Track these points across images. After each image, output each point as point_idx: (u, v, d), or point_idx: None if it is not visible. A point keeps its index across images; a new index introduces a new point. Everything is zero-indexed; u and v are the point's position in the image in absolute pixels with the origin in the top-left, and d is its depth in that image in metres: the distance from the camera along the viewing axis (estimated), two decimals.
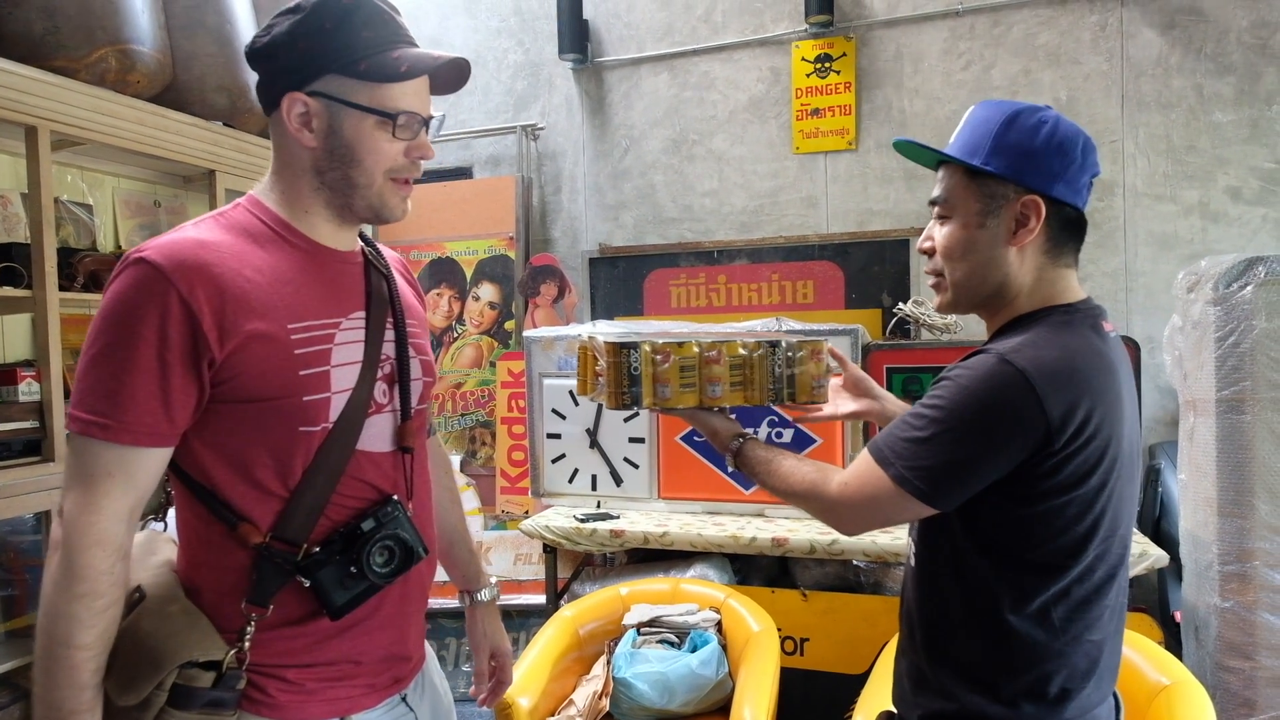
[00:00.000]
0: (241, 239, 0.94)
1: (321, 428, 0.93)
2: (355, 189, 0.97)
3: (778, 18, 3.34)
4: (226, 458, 0.92)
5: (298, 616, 0.94)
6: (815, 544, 2.26)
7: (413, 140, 0.97)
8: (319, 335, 0.94)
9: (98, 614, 0.86)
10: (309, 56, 0.92)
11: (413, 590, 1.04)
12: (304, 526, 0.93)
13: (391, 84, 0.93)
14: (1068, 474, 0.96)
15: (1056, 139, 1.02)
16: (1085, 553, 1.00)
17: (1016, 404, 0.94)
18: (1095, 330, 1.03)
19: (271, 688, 0.93)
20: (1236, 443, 1.92)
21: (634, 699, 1.91)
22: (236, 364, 0.89)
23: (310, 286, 0.96)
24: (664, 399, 1.15)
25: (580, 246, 3.55)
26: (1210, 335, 1.98)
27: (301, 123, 0.95)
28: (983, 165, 1.02)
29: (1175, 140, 2.93)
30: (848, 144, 3.25)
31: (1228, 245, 2.83)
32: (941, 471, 0.97)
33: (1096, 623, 1.03)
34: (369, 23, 0.93)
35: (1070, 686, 1.02)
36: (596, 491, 2.76)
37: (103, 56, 2.12)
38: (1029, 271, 1.04)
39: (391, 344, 1.03)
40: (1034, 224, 1.01)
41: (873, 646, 1.99)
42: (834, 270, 3.10)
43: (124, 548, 0.89)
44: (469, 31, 3.77)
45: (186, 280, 0.87)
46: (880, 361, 2.60)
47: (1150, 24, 2.94)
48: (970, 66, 3.13)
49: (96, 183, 2.50)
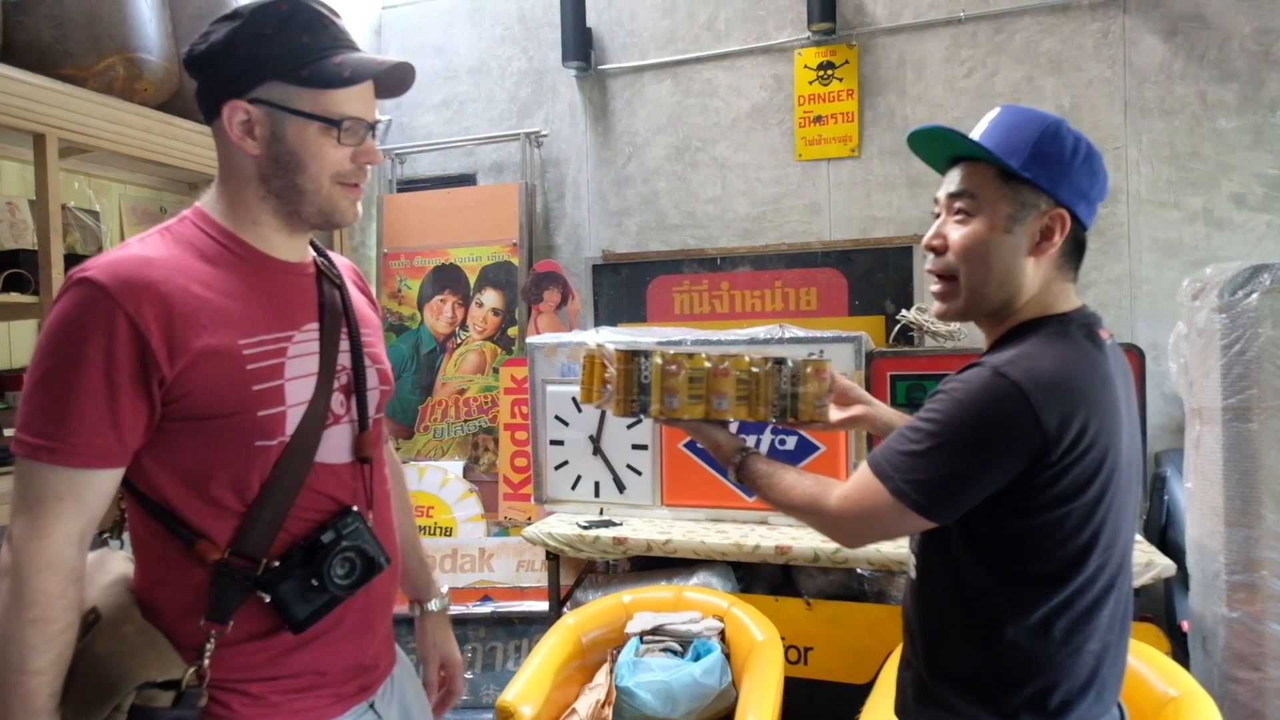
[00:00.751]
0: (188, 253, 0.92)
1: (278, 442, 0.92)
2: (303, 195, 0.95)
3: (780, 25, 3.34)
4: (181, 475, 0.91)
5: (260, 631, 0.93)
6: (819, 552, 2.25)
7: (358, 145, 0.96)
8: (272, 349, 0.93)
9: (51, 639, 0.85)
10: (248, 63, 0.91)
11: (376, 600, 1.03)
12: (263, 541, 0.92)
13: (334, 89, 0.92)
14: (1066, 485, 0.96)
15: (1089, 158, 1.03)
16: (1086, 564, 0.99)
17: (1012, 417, 0.93)
18: (1090, 339, 1.02)
19: (235, 703, 0.92)
20: (1243, 451, 1.91)
21: (637, 708, 1.90)
22: (188, 382, 0.88)
23: (260, 300, 0.95)
24: (671, 409, 1.17)
25: (583, 253, 3.56)
26: (1216, 343, 1.98)
27: (244, 131, 0.93)
28: (1021, 170, 1.00)
29: (1179, 147, 2.92)
30: (850, 151, 3.25)
31: (1232, 252, 2.83)
32: (939, 485, 0.97)
33: (1096, 633, 1.02)
34: (308, 27, 0.92)
35: (1070, 699, 1.02)
36: (599, 498, 2.75)
37: (110, 65, 2.14)
38: (1038, 284, 1.04)
39: (347, 354, 1.01)
40: (1057, 238, 1.02)
41: (877, 656, 1.98)
42: (837, 277, 3.10)
43: (76, 571, 0.87)
44: (473, 39, 3.78)
45: (133, 299, 0.85)
46: (884, 369, 2.59)
47: (1153, 31, 2.94)
48: (973, 74, 3.14)
49: (103, 189, 2.52)
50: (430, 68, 3.85)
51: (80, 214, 2.39)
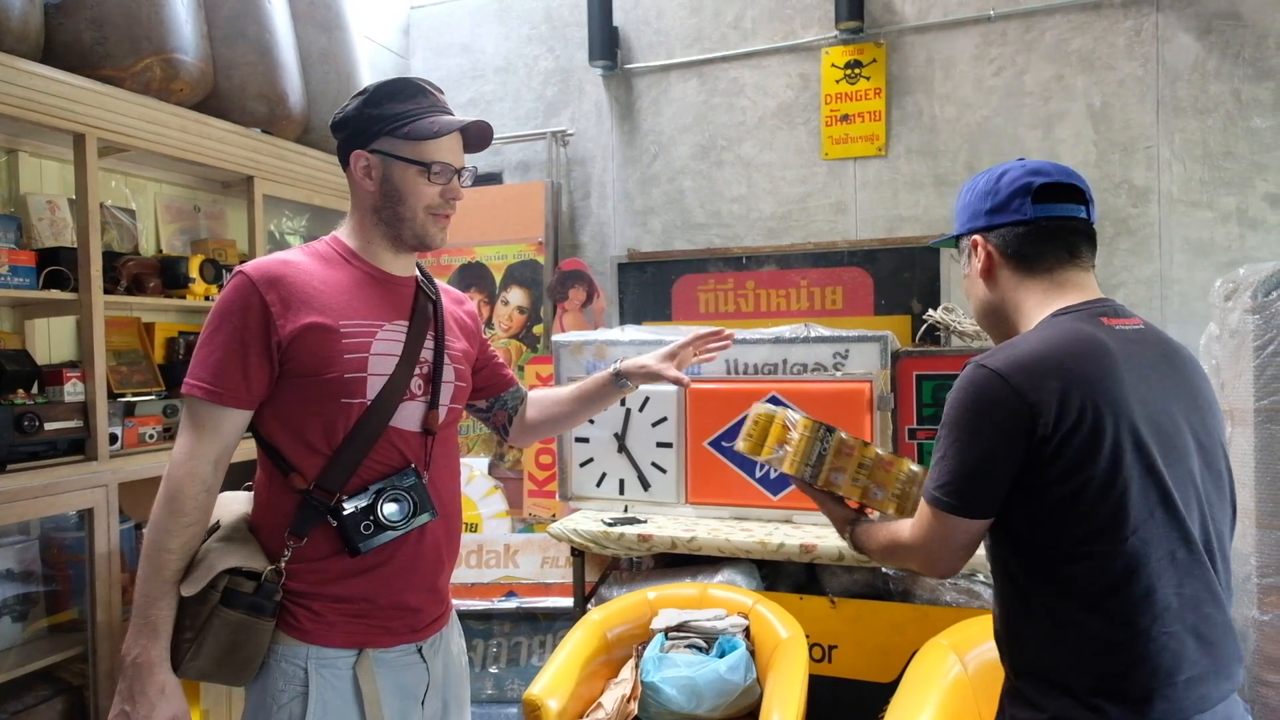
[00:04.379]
0: (317, 261, 1.25)
1: (359, 402, 1.18)
2: (403, 222, 1.26)
3: (808, 24, 3.34)
4: (287, 421, 1.18)
5: (326, 553, 1.17)
6: (844, 551, 2.25)
7: (445, 184, 1.26)
8: (363, 330, 1.21)
9: (184, 528, 1.13)
10: (369, 123, 1.23)
11: (426, 550, 1.25)
12: (340, 479, 1.17)
13: (426, 141, 1.23)
14: (1070, 458, 0.99)
15: (979, 188, 1.20)
16: (1117, 537, 0.99)
17: (996, 399, 1.02)
18: (1091, 323, 1.07)
19: (301, 615, 1.17)
20: (1275, 453, 1.89)
21: (662, 703, 1.92)
22: (297, 345, 1.16)
23: (363, 297, 1.25)
24: (834, 484, 1.32)
25: (609, 252, 3.57)
26: (1249, 344, 1.95)
27: (364, 173, 1.25)
28: (944, 239, 1.33)
29: (1212, 146, 2.88)
30: (877, 150, 3.24)
31: (1266, 253, 2.79)
32: (960, 482, 1.05)
33: (1163, 616, 1.00)
34: (411, 98, 1.25)
35: (1153, 686, 0.99)
36: (624, 496, 2.77)
37: (148, 66, 2.18)
38: (1010, 290, 1.17)
39: (430, 350, 1.29)
40: (982, 253, 1.18)
41: (902, 655, 1.97)
42: (863, 276, 3.09)
43: (208, 483, 1.15)
44: (500, 39, 3.81)
45: (267, 286, 1.17)
46: (910, 368, 2.58)
47: (1186, 29, 2.90)
48: (1002, 72, 3.11)
49: (139, 188, 2.57)
50: (457, 67, 3.88)
51: (118, 212, 2.44)
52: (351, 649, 1.18)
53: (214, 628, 1.11)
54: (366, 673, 1.16)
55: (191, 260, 2.41)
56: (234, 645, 1.11)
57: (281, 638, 1.16)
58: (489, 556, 3.14)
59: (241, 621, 1.11)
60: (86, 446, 2.09)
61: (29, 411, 1.95)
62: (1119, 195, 2.99)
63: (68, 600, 2.21)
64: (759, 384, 2.63)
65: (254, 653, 1.13)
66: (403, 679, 1.22)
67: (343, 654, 1.17)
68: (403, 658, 1.23)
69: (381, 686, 1.17)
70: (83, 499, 2.06)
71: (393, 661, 1.21)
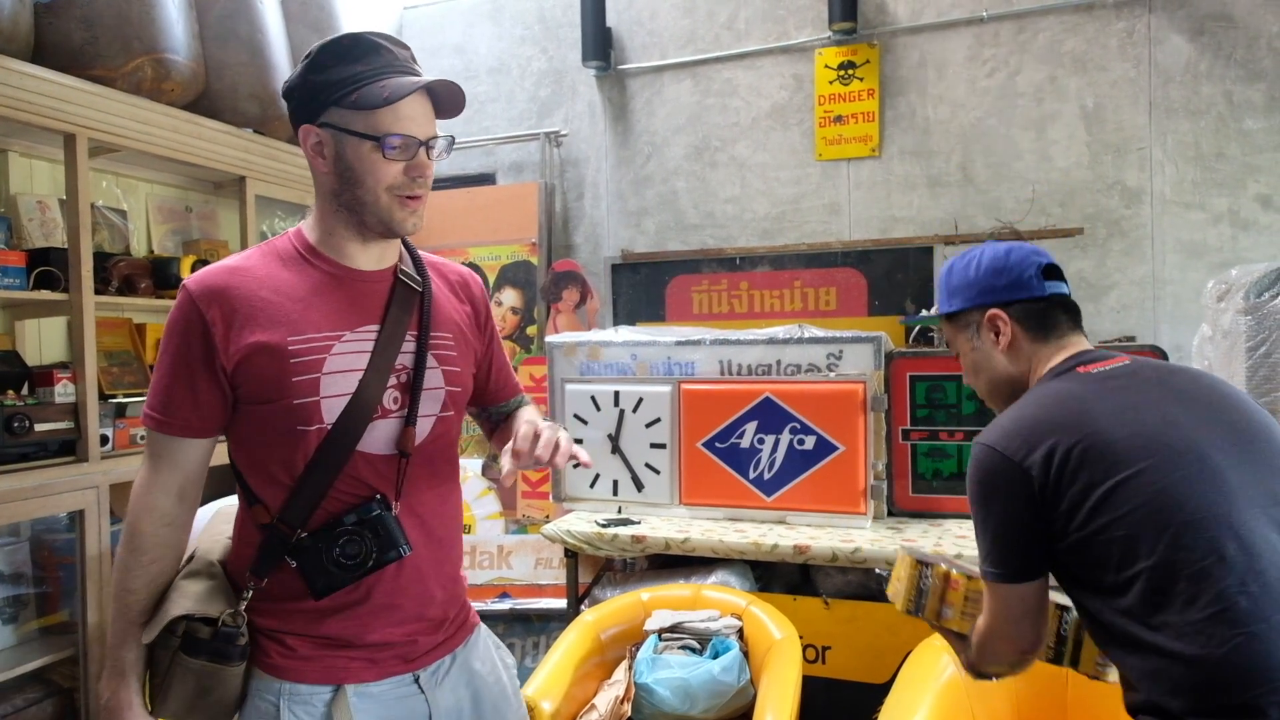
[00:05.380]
0: (273, 263, 1.10)
1: (317, 428, 1.04)
2: (364, 207, 1.07)
3: (801, 25, 3.34)
4: (249, 450, 1.08)
5: (292, 593, 1.07)
6: (837, 552, 2.25)
7: (409, 160, 1.06)
8: (316, 346, 1.06)
9: (144, 566, 1.06)
10: (316, 92, 1.04)
11: (406, 585, 1.11)
12: (301, 514, 1.05)
13: (379, 110, 1.02)
14: (1072, 499, 1.07)
15: (985, 265, 1.29)
16: (1144, 553, 1.00)
17: (996, 470, 1.13)
18: (1066, 377, 1.19)
19: (273, 650, 1.07)
20: None
21: (655, 704, 1.92)
22: (243, 371, 1.04)
23: (320, 304, 1.08)
24: (945, 619, 1.31)
25: (602, 252, 3.57)
26: (1241, 345, 1.96)
27: (315, 151, 1.07)
28: (948, 309, 1.33)
29: (1204, 147, 2.89)
30: (871, 151, 3.24)
31: (1258, 254, 2.80)
32: (999, 552, 1.13)
33: (1234, 617, 0.96)
34: (362, 57, 1.03)
35: (1253, 693, 0.93)
36: (618, 497, 2.77)
37: (139, 66, 2.17)
38: (1027, 359, 1.26)
39: (410, 355, 1.12)
40: (1006, 328, 1.26)
41: (896, 655, 1.97)
42: (857, 277, 3.10)
43: (169, 517, 1.07)
44: (493, 39, 3.81)
45: (206, 302, 1.04)
46: (903, 369, 2.59)
47: (1179, 30, 2.91)
48: (995, 73, 3.12)
49: (131, 188, 2.56)
50: (450, 67, 3.87)
51: (108, 213, 2.43)
52: (328, 685, 1.06)
53: (177, 674, 1.03)
54: (342, 713, 1.05)
55: (183, 261, 2.41)
56: (202, 690, 1.03)
57: (256, 671, 1.07)
58: (482, 558, 3.13)
59: (204, 668, 1.03)
60: (77, 448, 2.08)
61: (19, 413, 1.94)
62: (1112, 196, 3.00)
63: (58, 602, 2.20)
64: (753, 384, 2.63)
65: (227, 696, 1.05)
66: (393, 715, 1.09)
67: (318, 690, 1.06)
68: (393, 690, 1.09)
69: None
70: (74, 500, 2.05)
71: (381, 695, 1.08)
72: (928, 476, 2.59)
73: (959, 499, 2.54)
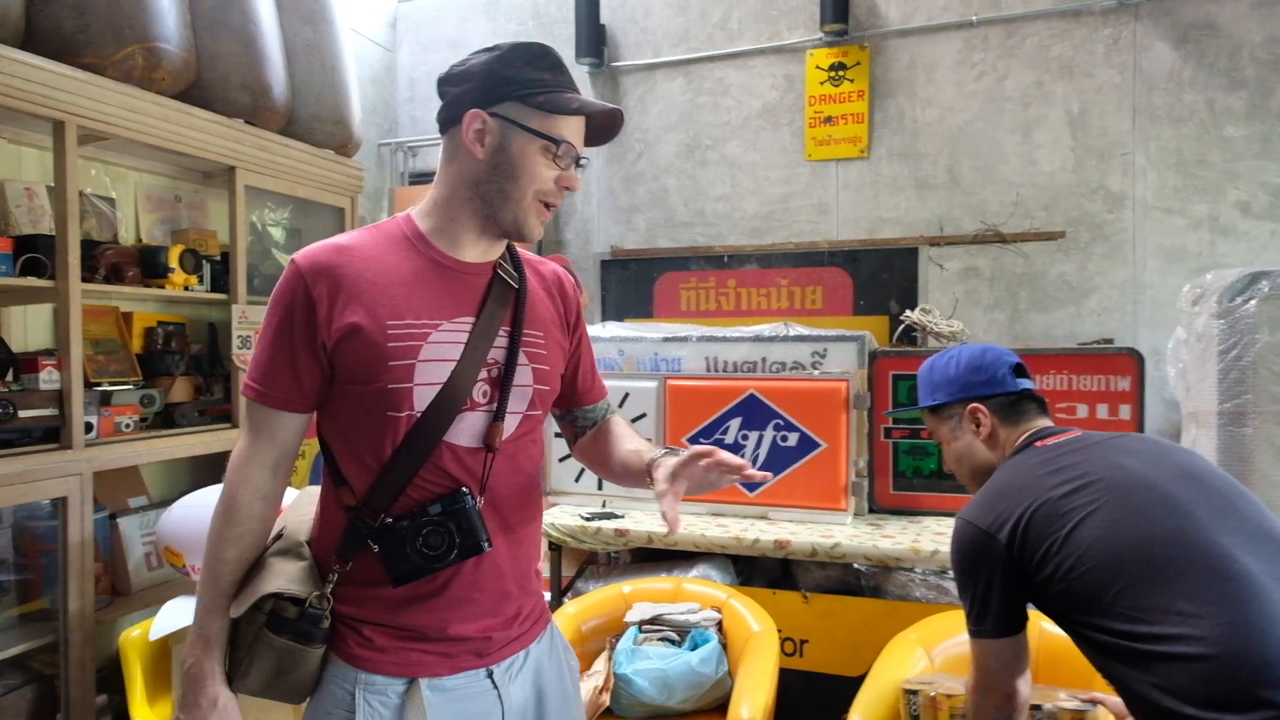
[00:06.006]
0: (380, 244, 1.10)
1: (407, 415, 1.05)
2: (507, 201, 1.09)
3: (793, 25, 3.36)
4: (341, 430, 1.09)
5: (374, 579, 1.07)
6: (817, 547, 2.28)
7: (565, 170, 1.10)
8: (414, 332, 1.06)
9: (238, 538, 1.07)
10: (498, 83, 1.07)
11: (484, 580, 1.10)
12: (386, 499, 1.06)
13: (560, 117, 1.08)
14: (1039, 557, 1.22)
15: (964, 364, 1.45)
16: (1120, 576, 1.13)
17: (973, 540, 1.27)
18: (1024, 453, 1.36)
19: (350, 639, 1.08)
20: (1237, 455, 1.93)
21: (634, 695, 1.94)
22: (342, 351, 1.05)
23: (421, 290, 1.09)
24: None
25: (592, 248, 3.59)
26: (1213, 348, 2.00)
27: (476, 137, 1.08)
28: (931, 403, 1.48)
29: (1186, 154, 2.93)
30: (860, 152, 3.27)
31: (1236, 259, 2.84)
32: (979, 611, 1.28)
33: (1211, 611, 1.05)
34: (551, 69, 1.09)
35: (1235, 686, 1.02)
36: (602, 491, 2.79)
37: (130, 54, 2.18)
38: (1002, 445, 1.42)
39: (503, 350, 1.12)
40: (986, 420, 1.42)
41: (872, 649, 2.00)
42: (843, 277, 3.13)
43: (265, 491, 1.08)
44: (487, 34, 3.82)
45: (314, 277, 1.05)
46: (886, 368, 2.61)
47: (1163, 38, 2.95)
48: (983, 77, 3.15)
49: (120, 177, 2.56)
50: (444, 61, 3.86)
51: (97, 201, 2.43)
52: (402, 678, 1.06)
53: (260, 651, 1.05)
54: (415, 706, 1.05)
55: (171, 250, 2.41)
56: (281, 669, 1.05)
57: (333, 658, 1.08)
58: None
59: (287, 647, 1.05)
60: (61, 435, 2.09)
61: (3, 398, 1.94)
62: (1095, 201, 3.04)
63: (39, 589, 2.20)
64: (738, 381, 2.66)
65: (304, 676, 1.06)
66: (466, 709, 1.08)
67: (393, 681, 1.06)
68: (468, 684, 1.09)
69: (438, 717, 1.05)
70: (56, 487, 2.06)
71: (455, 690, 1.07)
72: (908, 474, 2.62)
73: (939, 496, 2.57)
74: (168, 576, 2.43)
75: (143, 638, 1.96)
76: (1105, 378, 2.39)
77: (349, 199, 3.10)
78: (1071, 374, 2.43)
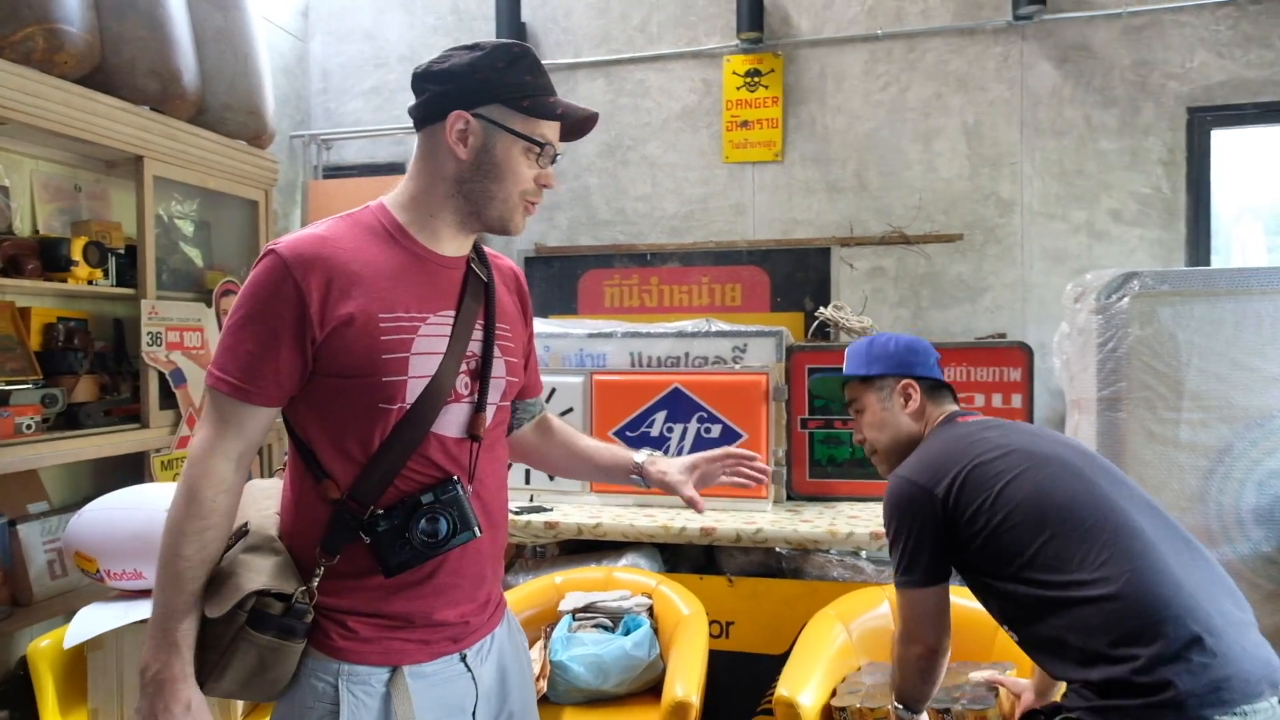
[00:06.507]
0: (360, 235, 1.10)
1: (398, 407, 1.06)
2: (492, 201, 1.12)
3: (710, 32, 3.47)
4: (323, 422, 1.08)
5: (360, 570, 1.08)
6: (741, 533, 2.38)
7: (544, 170, 1.14)
8: (405, 325, 1.08)
9: (200, 532, 1.04)
10: (482, 85, 1.09)
11: (468, 566, 1.14)
12: (374, 491, 1.06)
13: (544, 121, 1.12)
14: (973, 508, 1.36)
15: (903, 345, 1.61)
16: (1041, 531, 1.28)
17: (911, 495, 1.41)
18: (951, 426, 1.52)
19: (334, 632, 1.08)
20: (1113, 437, 2.14)
21: (570, 681, 1.98)
22: (333, 343, 1.04)
23: (408, 284, 1.10)
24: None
25: (515, 245, 3.60)
26: (1093, 341, 2.21)
27: (459, 137, 1.09)
28: (868, 373, 1.61)
29: (1067, 165, 3.20)
30: (774, 156, 3.41)
31: (1111, 261, 3.13)
32: (907, 561, 1.40)
33: (1120, 559, 1.22)
34: (532, 70, 1.12)
35: (1143, 624, 1.17)
36: (529, 485, 2.82)
37: (30, 35, 2.07)
38: (924, 421, 1.57)
39: (479, 343, 1.15)
40: (915, 395, 1.57)
41: (794, 627, 2.12)
42: (760, 275, 3.26)
43: (228, 484, 1.06)
44: (405, 28, 3.77)
45: (303, 269, 1.03)
46: (802, 362, 2.75)
47: (1047, 57, 3.21)
48: (888, 88, 3.34)
49: (14, 164, 2.41)
50: (359, 53, 3.81)
51: None
52: (385, 666, 1.08)
53: (240, 650, 1.03)
54: (401, 694, 1.07)
55: (74, 242, 2.29)
56: (262, 666, 1.04)
57: (312, 651, 1.07)
58: None
59: (270, 644, 1.04)
60: None
61: None
62: (988, 206, 3.27)
63: None
64: (662, 376, 2.74)
65: (283, 672, 1.06)
66: (445, 694, 1.12)
67: (376, 671, 1.07)
68: (444, 669, 1.12)
69: (419, 704, 1.08)
70: None
71: (433, 675, 1.11)
72: (823, 463, 2.76)
73: (851, 483, 2.72)
74: (73, 585, 2.31)
75: (53, 647, 1.87)
76: (999, 369, 2.60)
77: (263, 192, 3.01)
78: (969, 366, 2.63)
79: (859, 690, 1.79)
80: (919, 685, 1.45)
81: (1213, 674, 1.13)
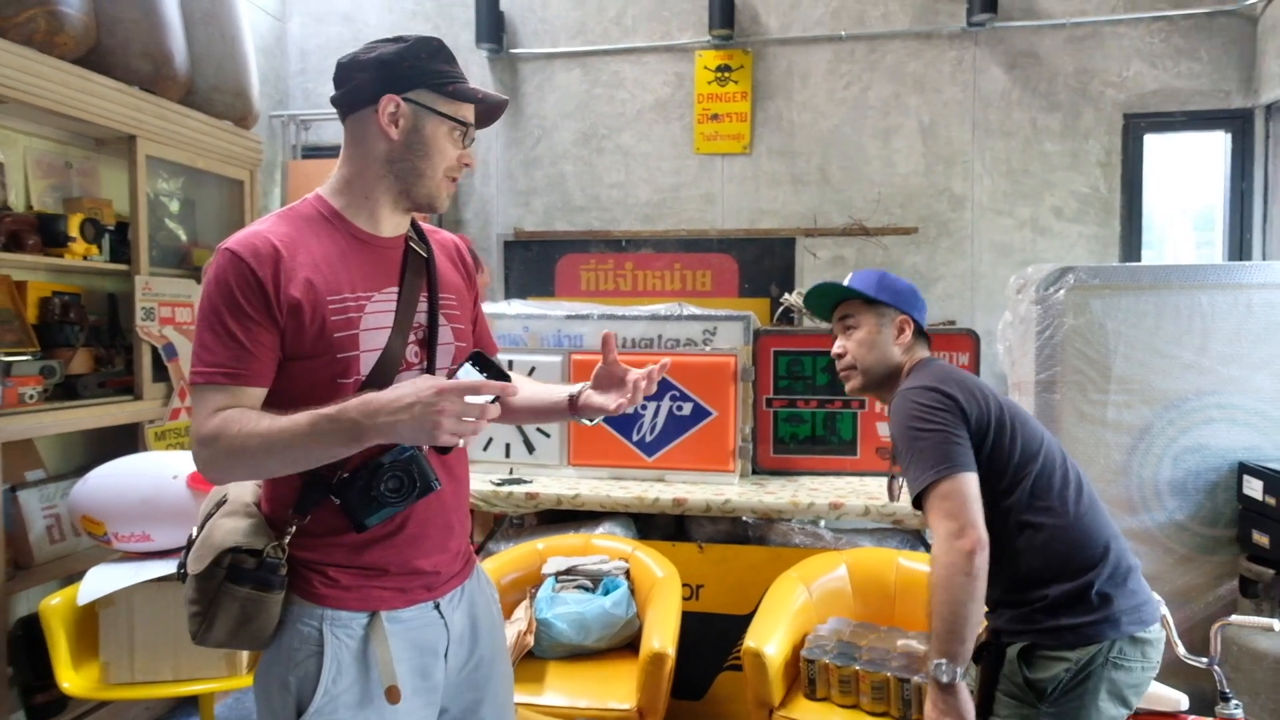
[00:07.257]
0: (303, 229, 1.19)
1: (354, 379, 1.16)
2: (421, 178, 1.22)
3: (684, 26, 3.62)
4: (290, 401, 1.15)
5: (337, 528, 1.18)
6: (710, 503, 2.57)
7: (465, 149, 1.26)
8: (352, 305, 1.18)
9: (253, 424, 1.09)
10: (410, 72, 1.20)
11: (434, 517, 1.26)
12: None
13: (466, 104, 1.24)
14: (995, 426, 1.49)
15: (910, 288, 1.70)
16: (1032, 463, 1.48)
17: (936, 400, 1.50)
18: (934, 362, 1.65)
19: (317, 581, 1.19)
20: (1049, 416, 2.37)
21: (554, 637, 2.15)
22: (290, 326, 1.14)
23: (351, 266, 1.20)
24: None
25: (493, 229, 3.71)
26: (1032, 329, 2.43)
27: (390, 120, 1.19)
28: (877, 297, 1.67)
29: (1014, 164, 3.44)
30: (743, 148, 3.58)
31: (1051, 255, 3.38)
32: (941, 453, 1.45)
33: (1076, 499, 1.46)
34: (449, 61, 1.25)
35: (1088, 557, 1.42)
36: (509, 459, 2.96)
37: (32, 17, 2.12)
38: (911, 354, 1.67)
39: (424, 314, 1.25)
40: (908, 332, 1.66)
41: (759, 589, 2.30)
42: (729, 262, 3.43)
43: (235, 414, 1.10)
44: (384, 11, 3.83)
45: (257, 261, 1.13)
46: (768, 345, 2.94)
47: (997, 62, 3.43)
48: (850, 86, 3.53)
49: (9, 141, 2.45)
50: (338, 35, 3.86)
51: None
52: (364, 611, 1.18)
53: (224, 603, 1.14)
54: (379, 636, 1.18)
55: (71, 218, 2.36)
56: (245, 617, 1.15)
57: (297, 599, 1.18)
58: None
59: (249, 596, 1.14)
60: None
61: None
62: (942, 201, 3.49)
63: None
64: (637, 356, 2.90)
65: (267, 622, 1.16)
66: (420, 637, 1.23)
67: (356, 616, 1.18)
68: (420, 615, 1.23)
69: (396, 646, 1.19)
70: None
71: (409, 620, 1.22)
72: (786, 439, 2.96)
73: (813, 459, 2.93)
74: (71, 549, 2.40)
75: (64, 605, 1.97)
76: (949, 354, 2.82)
77: (248, 172, 3.08)
78: None
79: (826, 645, 1.98)
80: (969, 604, 1.36)
81: (1138, 598, 1.42)
